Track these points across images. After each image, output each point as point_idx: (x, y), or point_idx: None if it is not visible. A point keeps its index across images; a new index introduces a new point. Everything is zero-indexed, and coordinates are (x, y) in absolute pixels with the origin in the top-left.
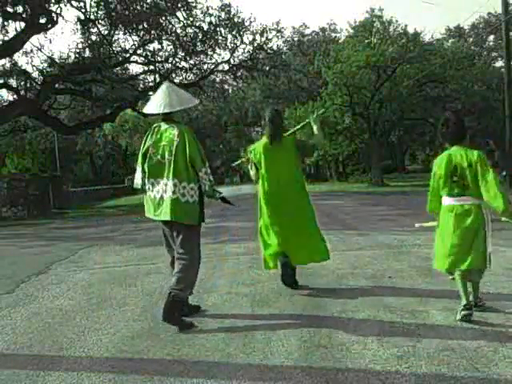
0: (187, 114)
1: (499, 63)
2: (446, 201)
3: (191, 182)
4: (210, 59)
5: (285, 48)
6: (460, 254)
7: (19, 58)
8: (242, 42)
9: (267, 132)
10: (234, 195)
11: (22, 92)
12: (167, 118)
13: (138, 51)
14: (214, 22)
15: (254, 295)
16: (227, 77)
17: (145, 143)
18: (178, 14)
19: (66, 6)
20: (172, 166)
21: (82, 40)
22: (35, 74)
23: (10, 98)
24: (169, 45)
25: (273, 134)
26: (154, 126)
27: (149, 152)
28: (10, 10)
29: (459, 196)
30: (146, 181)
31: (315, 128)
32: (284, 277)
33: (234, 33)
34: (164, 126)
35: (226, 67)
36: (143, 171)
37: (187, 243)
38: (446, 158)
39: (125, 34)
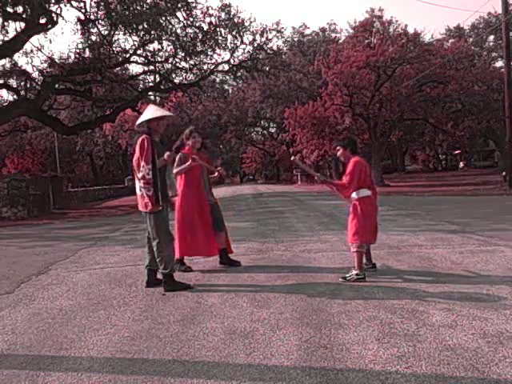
0: (187, 115)
1: (499, 63)
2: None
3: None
4: (210, 59)
5: (285, 48)
6: (375, 230)
7: (19, 58)
8: (242, 42)
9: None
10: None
11: (22, 92)
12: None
13: (138, 51)
14: (214, 22)
15: (253, 295)
16: (227, 77)
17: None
18: (178, 14)
19: (65, 6)
20: None
21: (82, 40)
22: (35, 74)
23: (10, 98)
24: (169, 45)
25: None
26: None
27: None
28: (10, 10)
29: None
30: None
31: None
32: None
33: (234, 33)
34: None
35: (226, 67)
36: None
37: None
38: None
39: (125, 34)
